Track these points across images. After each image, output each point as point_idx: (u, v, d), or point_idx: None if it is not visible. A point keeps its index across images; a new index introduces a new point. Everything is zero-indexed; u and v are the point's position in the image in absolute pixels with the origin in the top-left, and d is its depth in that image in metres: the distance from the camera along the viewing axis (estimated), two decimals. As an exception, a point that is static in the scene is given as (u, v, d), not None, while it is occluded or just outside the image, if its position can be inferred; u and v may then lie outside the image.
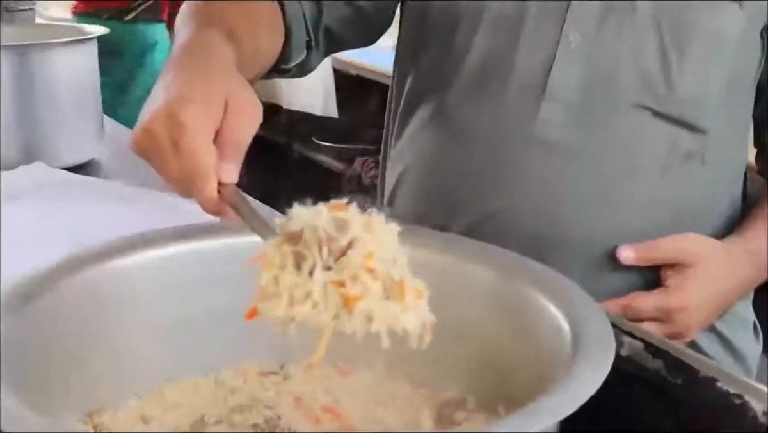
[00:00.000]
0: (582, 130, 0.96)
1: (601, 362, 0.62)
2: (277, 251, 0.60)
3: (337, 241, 0.59)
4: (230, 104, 0.75)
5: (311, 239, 0.59)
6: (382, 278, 0.60)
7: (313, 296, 0.59)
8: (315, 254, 0.59)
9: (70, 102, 1.44)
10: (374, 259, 0.59)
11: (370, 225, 0.61)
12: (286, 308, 0.59)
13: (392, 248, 0.61)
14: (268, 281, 0.60)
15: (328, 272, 0.59)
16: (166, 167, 0.75)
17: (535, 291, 0.73)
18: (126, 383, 0.77)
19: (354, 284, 0.59)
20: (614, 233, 0.96)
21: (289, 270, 0.60)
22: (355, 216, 0.61)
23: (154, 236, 0.80)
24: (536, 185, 0.96)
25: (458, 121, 1.01)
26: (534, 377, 0.69)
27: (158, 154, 0.75)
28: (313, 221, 0.60)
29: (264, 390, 0.78)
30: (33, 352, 0.67)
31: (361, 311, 0.59)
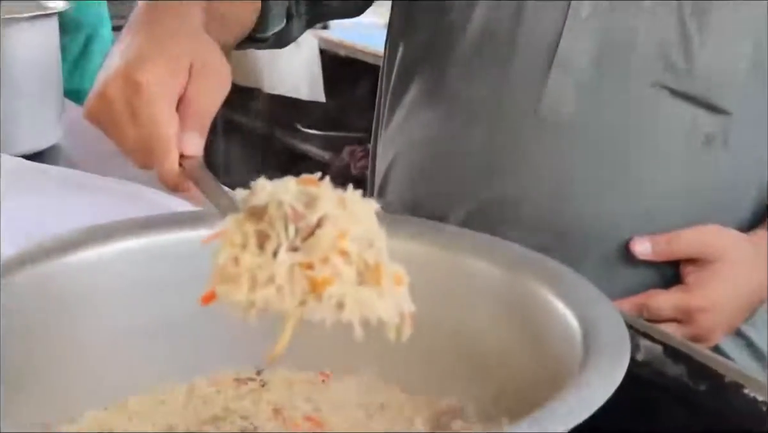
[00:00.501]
0: (594, 108, 0.95)
1: (615, 367, 0.61)
2: (238, 228, 0.59)
3: (306, 218, 0.57)
4: (195, 67, 0.75)
5: (276, 216, 0.57)
6: (356, 261, 0.58)
7: (277, 280, 0.57)
8: (280, 233, 0.57)
9: (29, 83, 1.42)
10: (347, 240, 0.58)
11: (343, 201, 0.59)
12: (247, 292, 0.57)
13: (369, 229, 0.59)
14: (227, 260, 0.58)
15: (294, 253, 0.57)
16: (122, 136, 0.75)
17: (542, 288, 0.72)
18: (86, 392, 0.75)
19: (323, 266, 0.57)
20: (629, 223, 0.95)
21: (250, 250, 0.58)
22: (327, 191, 0.59)
23: (115, 227, 0.79)
24: (543, 169, 0.95)
25: (455, 98, 1.00)
26: (540, 383, 0.68)
27: (114, 121, 0.74)
28: (279, 195, 0.58)
29: (239, 399, 0.77)
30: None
31: (331, 296, 0.57)
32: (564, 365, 0.66)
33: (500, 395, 0.73)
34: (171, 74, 0.74)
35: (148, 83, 0.73)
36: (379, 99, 1.14)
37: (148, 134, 0.73)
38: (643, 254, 0.94)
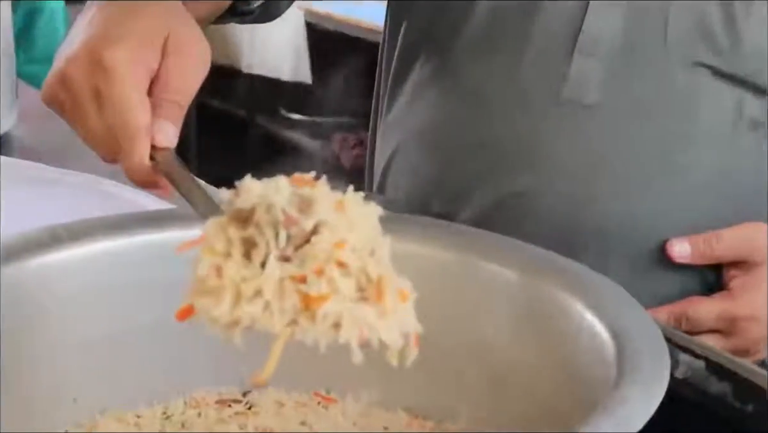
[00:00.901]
0: (624, 92, 0.95)
1: (653, 387, 0.61)
2: (221, 234, 0.58)
3: (299, 224, 0.57)
4: (170, 45, 0.75)
5: (265, 220, 0.57)
6: (356, 274, 0.58)
7: (265, 294, 0.56)
8: (269, 240, 0.57)
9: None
10: (346, 249, 0.57)
11: (342, 205, 0.59)
12: (229, 308, 0.57)
13: (370, 236, 0.59)
14: (208, 270, 0.58)
15: (285, 264, 0.57)
16: (85, 124, 0.75)
17: (567, 295, 0.72)
18: (49, 414, 0.75)
19: (318, 280, 0.56)
20: (664, 220, 0.95)
21: (235, 259, 0.57)
22: (324, 193, 0.59)
23: (81, 227, 0.79)
24: (566, 160, 0.95)
25: (466, 80, 1.00)
26: (566, 405, 0.69)
27: (75, 106, 0.74)
28: (269, 197, 0.57)
29: (223, 423, 0.78)
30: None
31: (327, 315, 0.56)
32: (593, 385, 0.66)
33: (519, 420, 0.73)
34: (141, 52, 0.74)
35: (115, 63, 0.72)
36: (378, 83, 1.14)
37: (115, 122, 0.73)
38: (682, 256, 0.94)
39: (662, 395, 0.60)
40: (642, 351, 0.65)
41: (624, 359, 0.64)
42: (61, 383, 0.76)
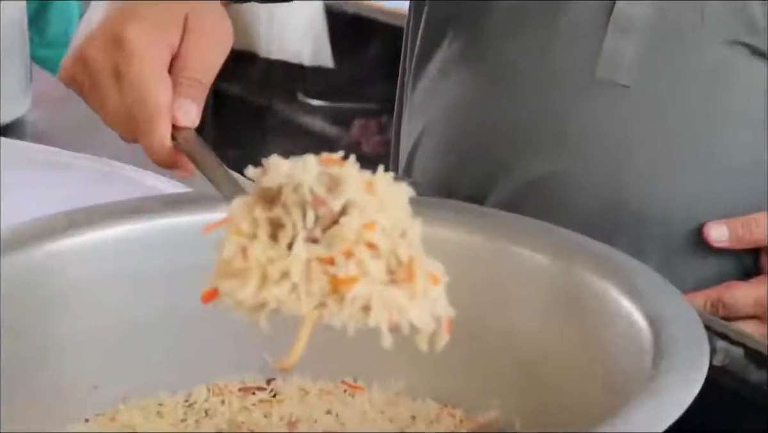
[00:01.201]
0: (659, 71, 0.95)
1: (691, 374, 0.61)
2: (247, 215, 0.58)
3: (328, 204, 0.56)
4: (190, 22, 0.75)
5: (293, 200, 0.56)
6: (386, 256, 0.57)
7: (292, 276, 0.56)
8: (297, 221, 0.56)
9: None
10: (376, 230, 0.57)
11: (371, 185, 0.58)
12: (255, 290, 0.56)
13: (401, 217, 0.58)
14: (233, 252, 0.57)
15: (313, 246, 0.56)
16: (104, 103, 0.75)
17: (602, 280, 0.72)
18: (68, 403, 0.76)
19: (347, 262, 0.56)
20: (701, 204, 0.95)
21: (261, 240, 0.57)
22: (353, 173, 0.58)
23: (99, 211, 0.79)
24: (599, 142, 0.95)
25: (496, 58, 0.99)
26: (601, 393, 0.69)
27: (95, 86, 0.75)
28: (297, 176, 0.57)
29: (247, 411, 0.77)
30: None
31: (356, 298, 0.56)
32: (629, 374, 0.66)
33: (552, 408, 0.73)
34: (162, 30, 0.74)
35: (134, 40, 0.73)
36: (403, 65, 1.14)
37: (135, 101, 0.73)
38: (719, 240, 0.94)
39: (701, 384, 0.59)
40: (680, 338, 0.64)
41: (661, 346, 0.64)
42: (81, 371, 0.77)
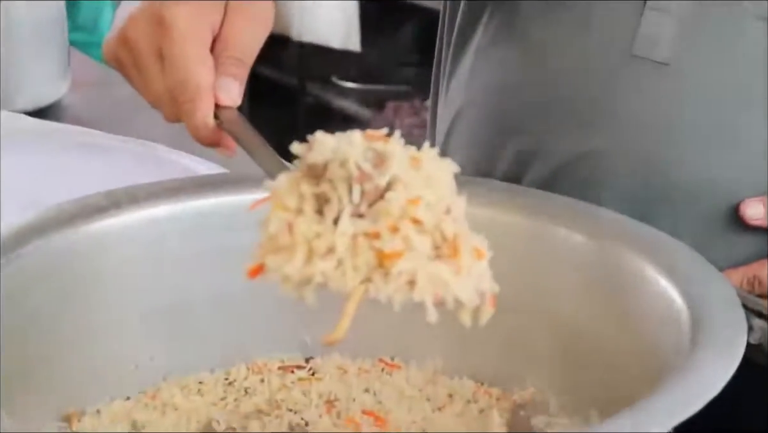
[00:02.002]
0: (697, 49, 0.94)
1: (729, 351, 0.61)
2: (293, 190, 0.57)
3: (374, 180, 0.56)
4: (232, 3, 0.75)
5: (339, 176, 0.56)
6: (431, 231, 0.57)
7: (338, 251, 0.56)
8: (343, 196, 0.56)
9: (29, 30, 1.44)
10: (421, 206, 0.57)
11: (417, 161, 0.58)
12: (302, 265, 0.56)
13: (446, 194, 0.58)
14: (279, 228, 0.57)
15: (359, 220, 0.56)
16: (147, 83, 0.75)
17: (640, 260, 0.72)
18: (111, 380, 0.76)
19: (393, 237, 0.56)
20: (737, 183, 0.94)
21: (307, 215, 0.57)
22: (399, 149, 0.58)
23: (142, 191, 0.79)
24: (637, 120, 0.94)
25: (534, 39, 0.99)
26: (638, 372, 0.68)
27: (138, 66, 0.75)
28: (343, 151, 0.57)
29: (287, 390, 0.78)
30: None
31: (401, 272, 0.56)
32: (665, 351, 0.66)
33: (589, 387, 0.73)
34: (203, 11, 0.74)
35: (176, 20, 0.73)
36: (439, 47, 1.13)
37: (178, 80, 0.74)
38: (755, 217, 0.93)
39: (738, 362, 0.60)
40: (717, 317, 0.65)
41: (698, 324, 0.64)
42: (122, 349, 0.77)
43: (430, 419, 0.75)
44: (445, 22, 1.11)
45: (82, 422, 0.73)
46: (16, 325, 0.69)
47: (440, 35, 1.13)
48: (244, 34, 0.76)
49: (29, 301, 0.71)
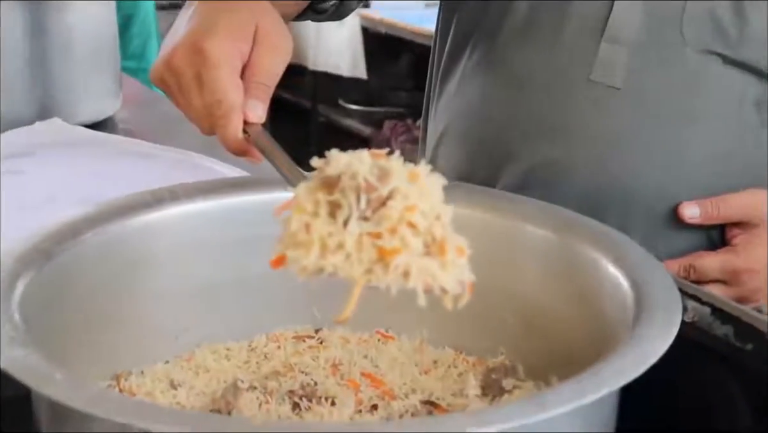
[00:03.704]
0: (644, 75, 0.93)
1: (667, 326, 0.60)
2: (310, 197, 0.58)
3: (378, 190, 0.57)
4: (258, 36, 0.75)
5: (349, 187, 0.57)
6: (423, 234, 0.58)
7: (347, 247, 0.57)
8: (352, 203, 0.57)
9: (88, 56, 1.44)
10: (416, 213, 0.57)
11: (414, 176, 0.59)
12: (316, 258, 0.57)
13: (436, 203, 0.59)
14: (299, 227, 0.58)
15: (364, 223, 0.57)
16: (187, 102, 0.75)
17: (593, 251, 0.71)
18: (153, 346, 0.76)
19: (392, 237, 0.57)
20: (678, 187, 0.94)
21: (322, 218, 0.57)
22: (399, 165, 0.59)
23: (181, 190, 0.79)
24: (593, 134, 0.94)
25: (509, 65, 0.99)
26: (591, 343, 0.68)
27: (180, 88, 0.75)
28: (354, 166, 0.57)
29: (299, 355, 0.78)
30: (54, 311, 0.67)
31: (398, 265, 0.56)
32: (614, 326, 0.65)
33: (550, 355, 0.73)
34: (235, 42, 0.74)
35: (213, 51, 0.73)
36: (430, 74, 1.13)
37: (213, 101, 0.73)
38: (692, 217, 0.93)
39: (674, 335, 0.59)
40: (657, 298, 0.64)
41: (642, 305, 0.64)
42: (162, 321, 0.77)
43: (417, 381, 0.75)
44: (435, 55, 1.11)
45: (128, 381, 0.73)
46: (74, 301, 0.70)
47: (431, 64, 1.13)
48: (269, 62, 0.75)
49: (86, 281, 0.71)
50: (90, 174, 1.15)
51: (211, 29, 0.74)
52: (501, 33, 0.99)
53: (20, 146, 1.23)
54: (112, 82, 1.49)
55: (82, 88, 1.42)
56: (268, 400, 0.70)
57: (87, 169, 1.17)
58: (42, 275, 0.66)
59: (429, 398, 0.72)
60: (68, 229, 0.71)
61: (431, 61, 1.12)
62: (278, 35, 0.76)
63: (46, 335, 0.63)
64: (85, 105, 1.43)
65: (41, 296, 0.65)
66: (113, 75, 1.49)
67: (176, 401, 0.71)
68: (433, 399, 0.72)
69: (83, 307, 0.70)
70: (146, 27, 2.45)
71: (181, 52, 0.74)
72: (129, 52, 2.31)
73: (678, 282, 0.67)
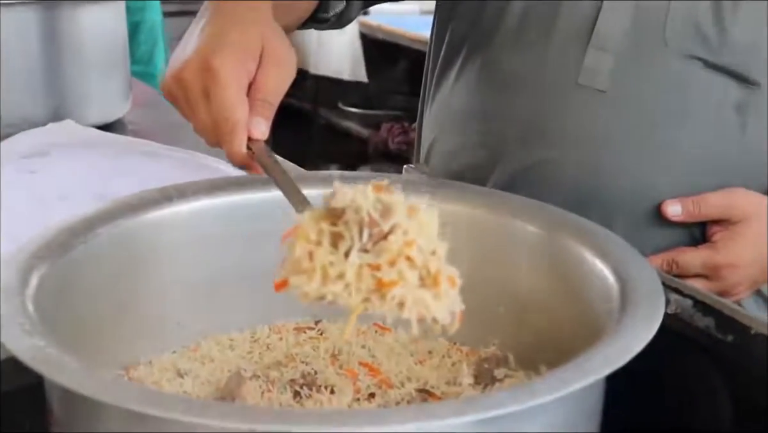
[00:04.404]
0: (629, 79, 0.94)
1: (650, 318, 0.60)
2: (315, 226, 0.58)
3: (379, 226, 0.57)
4: (265, 56, 0.75)
5: (353, 220, 0.57)
6: (419, 267, 0.58)
7: (347, 277, 0.57)
8: (354, 236, 0.57)
9: (99, 60, 1.43)
10: (414, 248, 0.58)
11: (413, 211, 0.59)
12: (318, 286, 0.58)
13: (433, 239, 0.59)
14: (302, 254, 0.58)
15: (364, 255, 0.57)
16: (195, 116, 0.75)
17: (580, 246, 0.71)
18: (161, 338, 0.76)
19: (390, 269, 0.57)
20: (661, 187, 0.94)
21: (325, 247, 0.58)
22: (399, 201, 0.59)
23: (188, 188, 0.79)
24: (580, 135, 0.94)
25: (500, 70, 0.99)
26: (578, 334, 0.67)
27: (189, 102, 0.74)
28: (359, 201, 0.58)
29: (300, 346, 0.78)
30: (66, 303, 0.67)
31: (394, 296, 0.57)
32: (600, 318, 0.65)
33: (540, 345, 0.73)
34: (243, 61, 0.74)
35: (222, 69, 0.72)
36: (425, 78, 1.13)
37: (220, 116, 0.73)
38: (674, 215, 0.93)
39: (657, 326, 0.59)
40: (641, 291, 0.64)
41: (626, 297, 0.64)
42: (170, 313, 0.77)
43: (413, 370, 0.75)
44: (430, 60, 1.11)
45: (137, 371, 0.73)
46: (86, 294, 0.69)
47: (425, 69, 1.12)
48: (274, 80, 0.75)
49: (99, 273, 0.71)
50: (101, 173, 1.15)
51: (221, 47, 0.73)
52: (493, 38, 0.99)
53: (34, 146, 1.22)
54: (122, 86, 1.49)
55: (93, 91, 1.42)
56: (270, 388, 0.70)
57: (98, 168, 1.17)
58: (55, 269, 0.66)
59: (424, 386, 0.72)
60: (80, 225, 0.71)
61: (426, 66, 1.12)
62: (284, 54, 0.76)
63: (59, 327, 0.62)
64: (97, 107, 1.43)
65: (54, 288, 0.65)
66: (123, 79, 1.49)
67: (183, 390, 0.71)
68: (428, 388, 0.72)
69: (94, 299, 0.70)
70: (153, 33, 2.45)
71: (190, 67, 0.73)
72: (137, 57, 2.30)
73: (661, 276, 0.67)
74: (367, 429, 0.49)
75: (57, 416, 0.58)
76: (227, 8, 0.78)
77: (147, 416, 0.50)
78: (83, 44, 1.40)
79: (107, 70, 1.44)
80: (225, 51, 0.73)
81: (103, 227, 0.72)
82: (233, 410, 0.54)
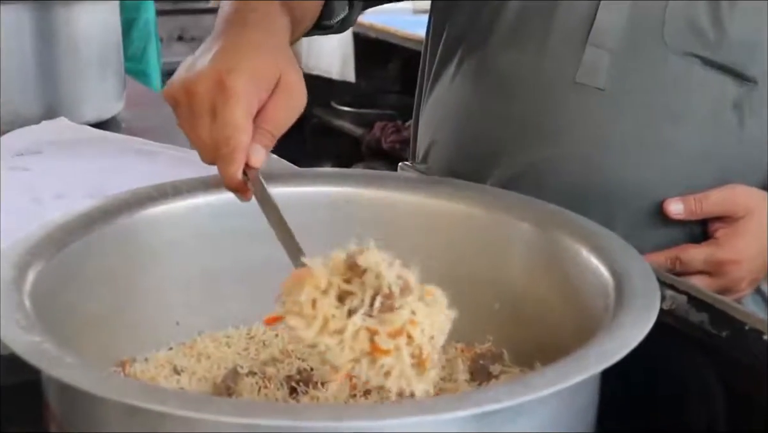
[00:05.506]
0: (627, 77, 0.93)
1: (646, 314, 0.61)
2: (326, 276, 0.59)
3: (393, 299, 0.58)
4: (279, 87, 0.73)
5: (370, 284, 0.58)
6: (415, 346, 0.59)
7: (345, 334, 0.58)
8: (366, 299, 0.58)
9: (94, 59, 1.44)
10: (417, 329, 0.58)
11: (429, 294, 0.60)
12: (314, 334, 0.58)
13: (436, 328, 0.60)
14: (307, 300, 0.58)
15: (368, 318, 0.58)
16: (196, 131, 0.73)
17: (576, 244, 0.72)
18: (157, 334, 0.76)
19: (389, 340, 0.58)
20: (660, 184, 0.94)
21: (330, 299, 0.58)
22: (417, 285, 0.60)
23: (183, 185, 0.79)
24: (578, 133, 0.94)
25: (498, 68, 0.98)
26: (574, 330, 0.68)
27: (193, 114, 0.72)
28: (382, 269, 0.58)
29: (296, 342, 0.76)
30: (64, 299, 0.67)
31: (384, 365, 0.58)
32: (597, 314, 0.65)
33: (535, 341, 0.73)
34: (257, 87, 0.72)
35: (235, 90, 0.71)
36: (420, 78, 1.13)
37: (222, 136, 0.71)
38: (676, 213, 0.93)
39: (653, 322, 0.60)
40: (636, 287, 0.64)
41: (621, 293, 0.64)
42: (166, 310, 0.77)
43: (409, 366, 0.75)
44: (426, 59, 1.10)
45: (133, 367, 0.73)
46: (82, 290, 0.70)
47: (421, 68, 1.12)
48: (282, 113, 0.73)
49: (95, 270, 0.71)
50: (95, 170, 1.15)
51: (238, 68, 0.72)
52: (491, 37, 0.98)
53: (28, 144, 1.22)
54: (115, 84, 1.49)
55: (87, 89, 1.42)
56: (266, 385, 0.70)
57: (92, 165, 1.17)
58: (51, 265, 0.66)
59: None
60: (76, 221, 0.71)
61: (422, 65, 1.12)
62: (297, 89, 0.74)
63: (55, 323, 0.62)
64: (90, 105, 1.43)
65: (50, 285, 0.65)
66: (117, 77, 1.49)
67: (179, 386, 0.71)
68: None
69: (90, 296, 0.70)
70: (146, 31, 2.45)
71: (204, 81, 0.72)
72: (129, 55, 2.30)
73: (657, 273, 0.68)
74: (363, 424, 0.50)
75: (54, 411, 0.58)
76: (247, 31, 0.77)
77: (144, 411, 0.50)
78: (77, 42, 1.40)
79: (101, 68, 1.44)
80: (242, 73, 0.71)
81: (99, 224, 0.72)
82: (230, 405, 0.54)
